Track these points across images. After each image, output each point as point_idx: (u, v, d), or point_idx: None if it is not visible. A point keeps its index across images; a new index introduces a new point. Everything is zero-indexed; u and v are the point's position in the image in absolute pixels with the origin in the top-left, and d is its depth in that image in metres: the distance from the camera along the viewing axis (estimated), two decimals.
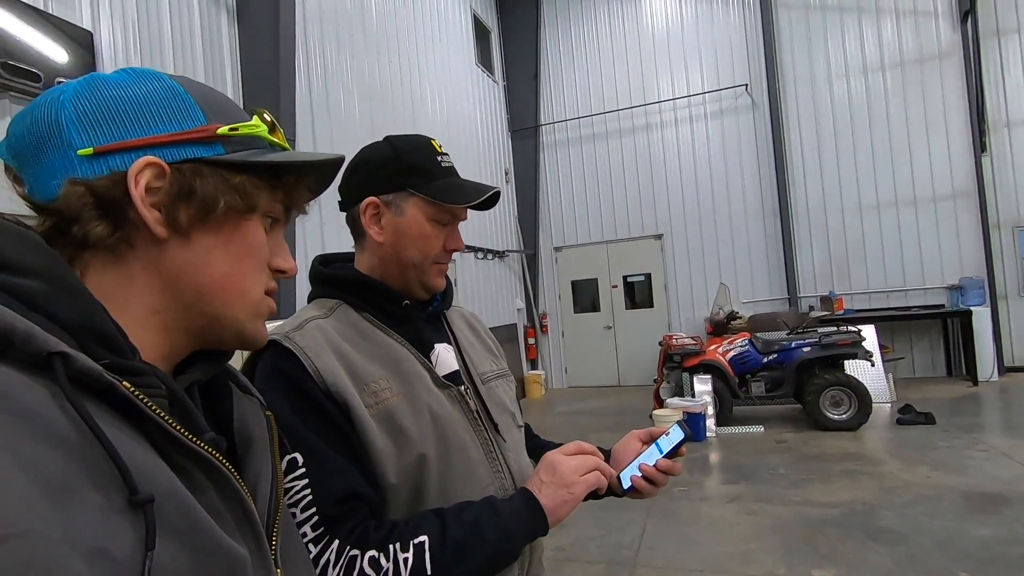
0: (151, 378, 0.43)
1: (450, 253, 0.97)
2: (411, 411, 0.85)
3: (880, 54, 7.68)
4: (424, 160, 0.92)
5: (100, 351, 0.40)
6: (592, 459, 0.88)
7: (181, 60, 3.65)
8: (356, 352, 0.87)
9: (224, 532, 0.42)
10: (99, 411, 0.38)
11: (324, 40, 5.11)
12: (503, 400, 1.02)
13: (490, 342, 1.12)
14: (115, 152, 0.45)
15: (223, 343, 0.53)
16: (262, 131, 0.51)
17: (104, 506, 0.35)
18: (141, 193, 0.45)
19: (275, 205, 0.53)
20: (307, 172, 0.55)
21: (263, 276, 0.53)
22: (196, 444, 0.43)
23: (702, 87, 8.46)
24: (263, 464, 0.54)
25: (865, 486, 3.97)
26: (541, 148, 9.41)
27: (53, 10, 2.92)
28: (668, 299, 8.72)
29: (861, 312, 7.43)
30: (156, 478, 0.38)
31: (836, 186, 7.88)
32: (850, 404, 5.37)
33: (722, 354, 5.92)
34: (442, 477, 0.85)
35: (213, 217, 0.48)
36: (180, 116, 0.48)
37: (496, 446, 0.94)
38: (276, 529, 0.52)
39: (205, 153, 0.48)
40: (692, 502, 3.99)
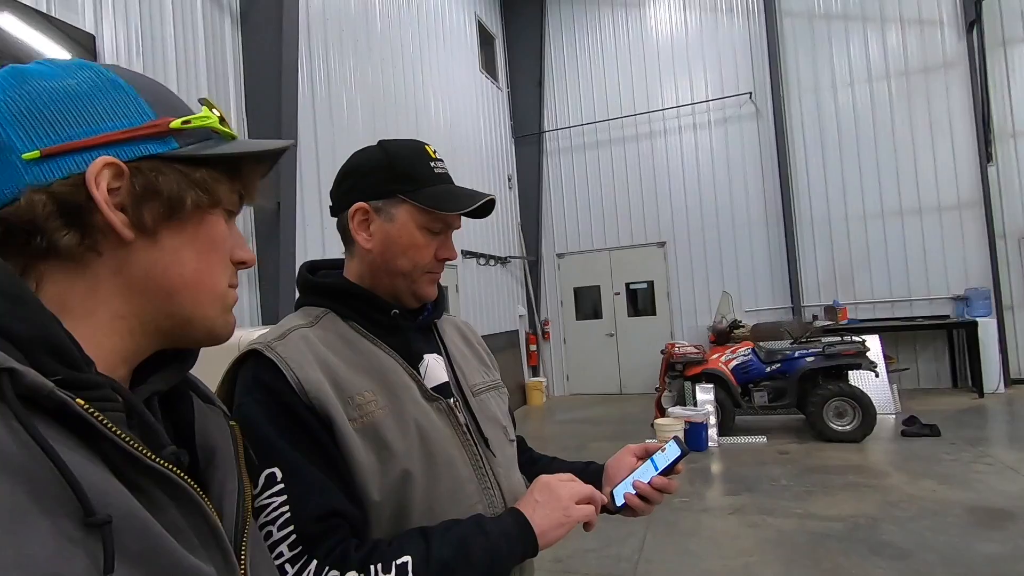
0: (107, 391, 0.41)
1: (442, 262, 0.93)
2: (397, 425, 0.82)
3: (885, 63, 7.66)
4: (416, 166, 0.89)
5: (52, 364, 0.38)
6: (587, 487, 0.84)
7: (184, 64, 3.65)
8: (341, 363, 0.83)
9: (187, 550, 0.40)
10: (51, 430, 0.36)
11: (328, 45, 5.12)
12: (495, 413, 0.98)
13: (483, 353, 1.08)
14: (64, 154, 0.42)
15: (193, 341, 0.51)
16: (213, 122, 0.49)
17: (57, 530, 0.33)
18: (104, 195, 0.42)
19: (232, 196, 0.52)
20: (264, 161, 0.54)
21: (228, 270, 0.52)
22: (154, 461, 0.41)
23: (706, 95, 8.45)
24: (228, 476, 0.52)
25: (869, 499, 3.92)
26: (544, 155, 9.41)
27: (56, 13, 2.92)
28: (671, 307, 8.68)
29: (865, 322, 7.37)
30: (112, 498, 0.36)
31: (840, 195, 7.84)
32: (854, 415, 5.32)
33: (725, 363, 5.87)
34: (428, 494, 0.82)
35: (180, 215, 0.46)
36: (127, 111, 0.45)
37: (486, 462, 0.90)
38: (245, 543, 0.50)
39: (159, 149, 0.46)
40: (693, 513, 3.94)
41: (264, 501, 0.72)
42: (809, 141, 8.00)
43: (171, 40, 3.58)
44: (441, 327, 1.02)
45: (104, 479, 0.37)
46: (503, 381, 1.08)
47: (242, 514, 0.51)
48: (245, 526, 0.51)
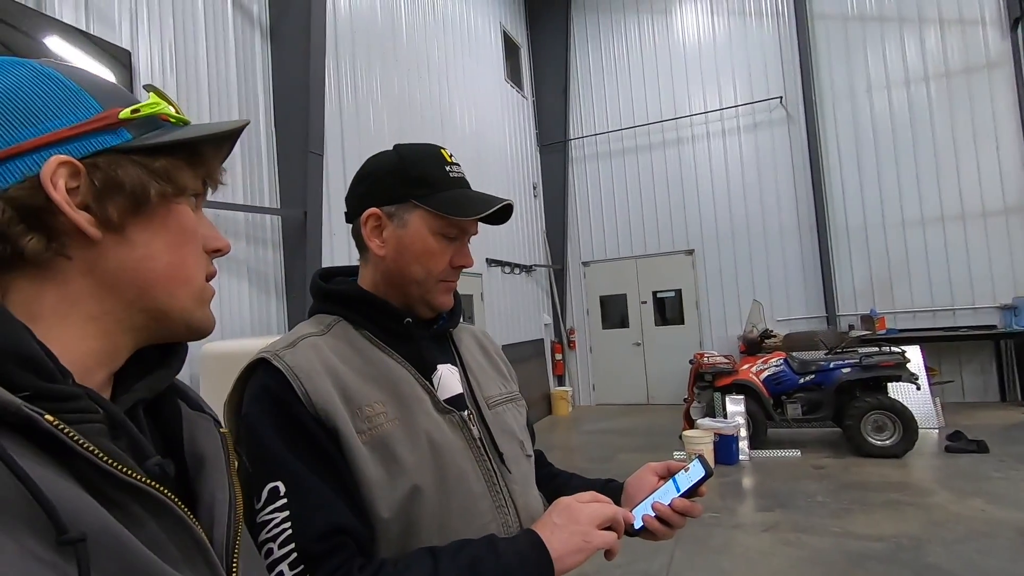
0: (84, 402, 0.39)
1: (458, 270, 0.90)
2: (407, 438, 0.79)
3: (923, 64, 7.41)
4: (431, 170, 0.87)
5: (24, 377, 0.37)
6: (611, 508, 0.78)
7: (215, 78, 3.75)
8: (352, 372, 0.81)
9: (169, 565, 0.38)
10: (19, 447, 0.34)
11: (355, 57, 5.20)
12: (511, 427, 0.94)
13: (501, 363, 1.04)
14: (14, 157, 0.40)
15: (173, 336, 0.50)
16: (163, 108, 0.47)
17: (24, 551, 0.32)
18: (63, 195, 0.41)
19: (196, 183, 0.50)
20: (224, 142, 0.51)
21: (203, 260, 0.51)
22: (131, 476, 0.39)
23: (735, 100, 8.31)
24: (219, 485, 0.50)
25: (911, 518, 3.73)
26: (570, 162, 9.38)
27: (94, 30, 3.03)
28: (699, 316, 8.50)
29: (905, 332, 7.08)
30: (85, 515, 0.35)
31: (877, 201, 7.59)
32: (894, 429, 5.09)
33: (756, 374, 5.71)
34: (439, 511, 0.78)
35: (146, 208, 0.45)
36: (72, 106, 0.43)
37: (500, 477, 0.86)
38: (237, 553, 0.48)
39: (113, 141, 0.44)
40: (724, 529, 3.81)
41: (266, 516, 0.69)
42: (844, 146, 7.77)
43: (203, 55, 3.68)
44: (457, 336, 0.99)
45: (76, 496, 0.36)
46: (525, 392, 1.04)
47: (233, 523, 0.49)
48: (237, 536, 0.49)
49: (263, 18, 4.22)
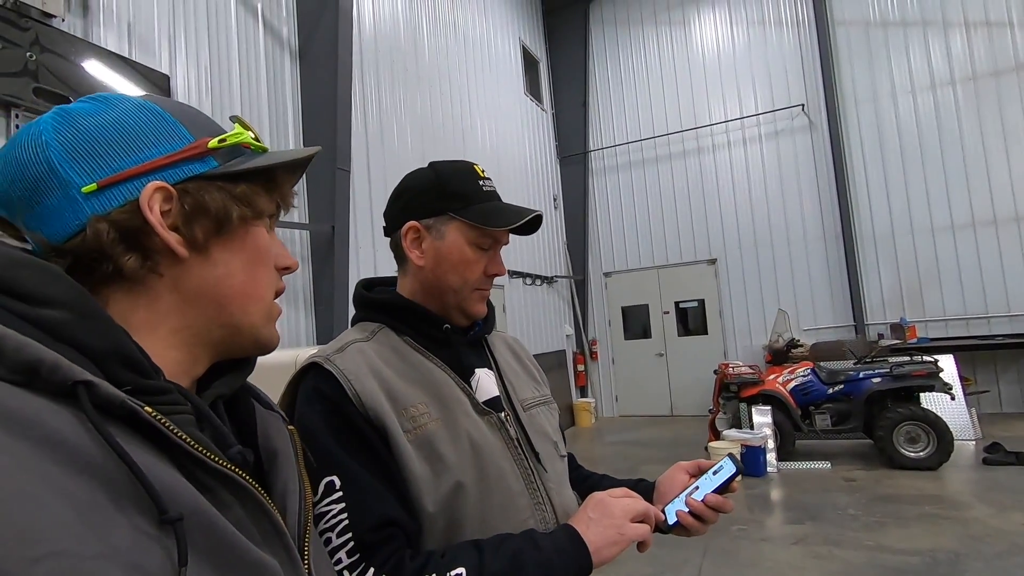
0: (175, 395, 0.44)
1: (491, 278, 0.95)
2: (450, 437, 0.84)
3: (949, 68, 7.29)
4: (466, 185, 0.92)
5: (125, 374, 0.42)
6: (642, 503, 0.83)
7: (248, 98, 3.89)
8: (396, 376, 0.86)
9: (253, 545, 0.43)
10: (124, 435, 0.39)
11: (379, 76, 5.34)
12: (545, 428, 0.98)
13: (533, 368, 1.09)
14: (118, 183, 0.45)
15: (242, 351, 0.54)
16: (246, 137, 0.52)
17: (135, 526, 0.36)
18: (158, 218, 0.46)
19: (271, 207, 0.55)
20: (297, 169, 0.56)
21: (274, 278, 0.55)
22: (219, 464, 0.43)
23: (755, 108, 8.27)
24: (290, 477, 0.55)
25: (948, 532, 3.62)
26: (590, 174, 9.41)
27: (135, 56, 3.19)
28: (723, 326, 8.41)
29: (937, 341, 6.90)
30: (182, 497, 0.39)
31: (904, 207, 7.45)
32: (928, 441, 4.95)
33: (783, 384, 5.62)
34: (480, 507, 0.82)
35: (228, 229, 0.49)
36: (167, 136, 0.48)
37: (537, 476, 0.90)
38: (307, 540, 0.52)
39: (201, 169, 0.49)
40: (752, 542, 3.75)
41: (323, 508, 0.75)
42: (868, 152, 7.67)
43: (236, 77, 3.83)
44: (491, 342, 1.03)
45: (174, 479, 0.40)
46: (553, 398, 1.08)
47: (304, 512, 0.53)
48: (307, 525, 0.53)
49: (292, 41, 4.38)
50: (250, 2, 4.04)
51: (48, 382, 0.37)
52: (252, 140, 0.53)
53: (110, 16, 3.13)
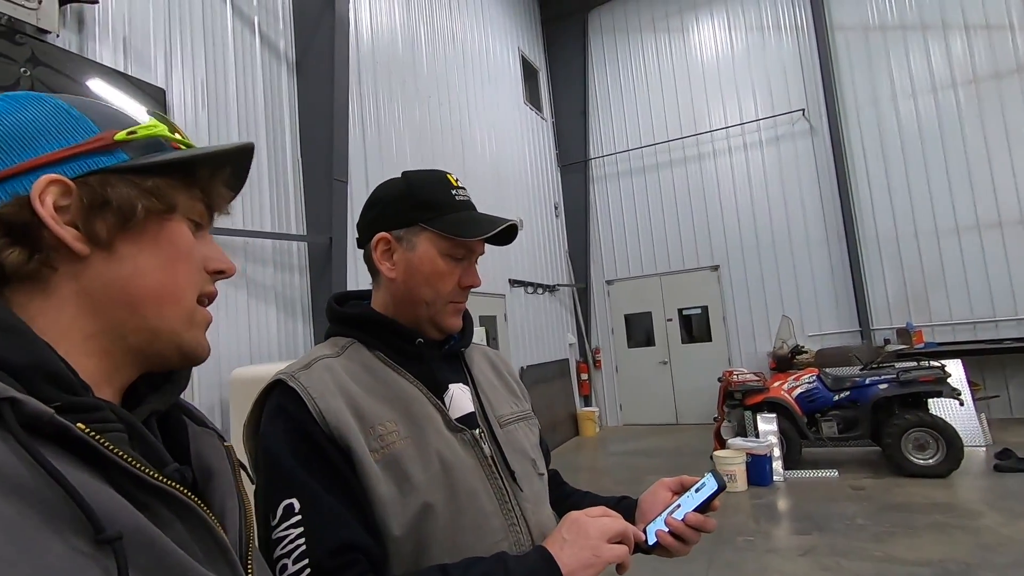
0: (106, 413, 0.42)
1: (466, 291, 0.92)
2: (419, 456, 0.80)
3: (950, 71, 7.26)
4: (437, 194, 0.89)
5: (51, 391, 0.39)
6: (620, 523, 0.77)
7: (244, 111, 3.89)
8: (364, 393, 0.83)
9: (196, 563, 0.41)
10: (55, 454, 0.37)
11: (377, 87, 5.35)
12: (523, 445, 0.94)
13: (513, 383, 1.06)
14: (10, 178, 0.43)
15: (165, 360, 0.50)
16: (162, 130, 0.49)
17: (71, 546, 0.34)
18: (50, 211, 0.43)
19: (195, 204, 0.51)
20: (219, 164, 0.52)
21: (198, 280, 0.51)
22: (158, 480, 0.42)
23: (756, 114, 8.26)
24: (228, 494, 0.52)
25: (959, 542, 3.54)
26: (591, 182, 9.41)
27: (131, 71, 3.19)
28: (727, 332, 8.34)
29: (944, 345, 6.82)
30: (120, 515, 0.37)
31: (908, 210, 7.40)
32: (937, 447, 4.87)
33: (788, 391, 5.55)
34: (450, 528, 0.79)
35: (133, 224, 0.46)
36: (70, 131, 0.46)
37: (512, 496, 0.86)
38: (250, 559, 0.50)
39: (108, 162, 0.46)
40: (758, 553, 3.67)
41: (281, 533, 0.71)
42: (870, 156, 7.63)
43: (233, 90, 3.83)
44: (469, 356, 1.00)
45: (110, 498, 0.38)
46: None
47: (244, 529, 0.51)
48: (250, 543, 0.51)
49: (289, 53, 4.39)
50: (246, 14, 4.05)
51: None
52: (170, 135, 0.50)
53: (105, 31, 3.14)
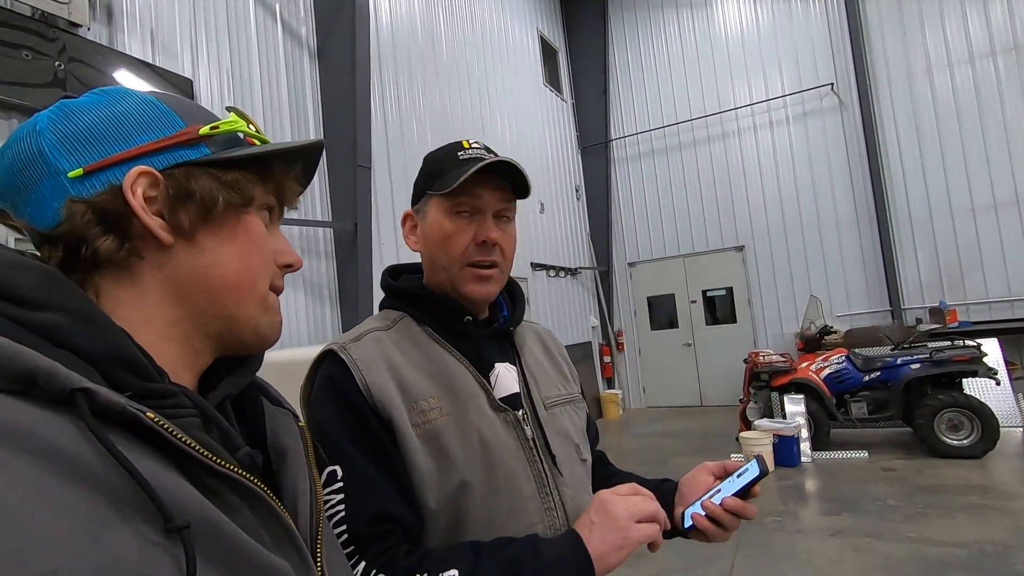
0: (180, 399, 0.43)
1: (484, 249, 0.87)
2: (459, 433, 0.81)
3: (989, 39, 6.95)
4: (443, 161, 0.89)
5: (127, 378, 0.41)
6: (650, 503, 0.76)
7: (268, 99, 3.93)
8: (411, 367, 0.84)
9: (263, 548, 0.42)
10: (127, 442, 0.38)
11: (397, 72, 5.35)
12: (567, 429, 0.93)
13: (563, 364, 1.03)
14: (105, 168, 0.45)
15: (243, 344, 0.52)
16: (241, 126, 0.51)
17: (139, 535, 0.35)
18: (140, 201, 0.45)
19: (268, 198, 0.53)
20: (293, 159, 0.54)
21: (269, 271, 0.53)
22: (225, 468, 0.42)
23: (782, 90, 8.04)
24: (300, 477, 0.53)
25: (996, 523, 3.48)
26: (612, 163, 9.30)
27: (159, 63, 3.25)
28: (752, 314, 8.23)
29: (980, 324, 6.63)
30: (188, 504, 0.38)
31: (942, 186, 7.16)
32: (972, 428, 4.77)
33: (816, 372, 5.47)
34: (486, 507, 0.79)
35: (214, 216, 0.48)
36: (160, 124, 0.48)
37: (551, 479, 0.85)
38: (320, 540, 0.51)
39: (192, 156, 0.48)
40: (787, 534, 3.66)
41: (324, 498, 0.73)
42: (903, 131, 7.38)
43: (257, 78, 3.87)
44: (520, 335, 0.98)
45: (179, 486, 0.39)
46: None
47: (315, 513, 0.52)
48: (319, 524, 0.52)
49: (311, 40, 4.40)
50: (268, 3, 4.07)
51: (46, 391, 0.36)
52: (248, 130, 0.52)
53: (133, 23, 3.19)
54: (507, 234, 0.89)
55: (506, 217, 0.90)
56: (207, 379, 0.52)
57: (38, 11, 2.78)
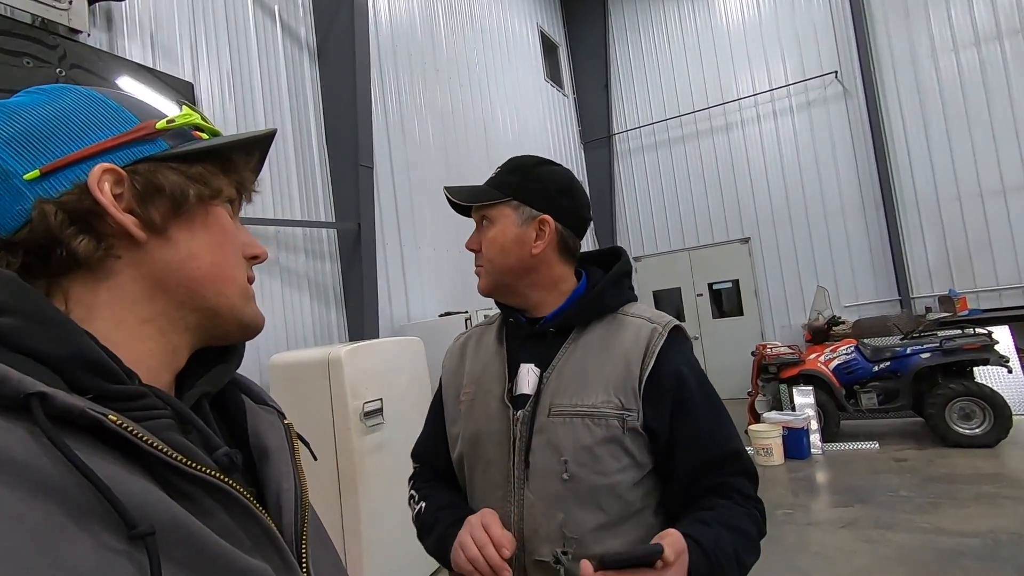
0: (151, 400, 0.42)
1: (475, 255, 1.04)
2: (468, 416, 1.02)
3: (995, 21, 6.85)
4: None
5: (91, 380, 0.39)
6: (472, 547, 0.86)
7: (269, 100, 3.93)
8: (472, 357, 1.08)
9: (241, 551, 0.40)
10: (88, 447, 0.36)
11: (398, 70, 5.33)
12: (560, 441, 0.91)
13: (624, 374, 0.93)
14: (64, 168, 0.44)
15: (226, 334, 0.52)
16: (196, 119, 0.50)
17: (99, 544, 0.34)
18: (110, 198, 0.44)
19: (231, 189, 0.53)
20: (252, 149, 0.54)
21: (242, 263, 0.53)
22: (196, 470, 0.41)
23: (785, 79, 7.97)
24: (284, 475, 0.52)
25: (1010, 512, 3.45)
26: (615, 157, 9.26)
27: (159, 66, 3.25)
28: (759, 306, 8.18)
29: (991, 312, 6.55)
30: (154, 509, 0.37)
31: (950, 172, 7.07)
32: (984, 417, 4.73)
33: (824, 363, 5.44)
34: (471, 478, 1.03)
35: (185, 209, 0.48)
36: (112, 121, 0.47)
37: (517, 482, 0.94)
38: (305, 539, 0.50)
39: (152, 151, 0.47)
40: (798, 527, 3.65)
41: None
42: (908, 117, 7.30)
43: (258, 80, 3.87)
44: (584, 335, 0.98)
45: (145, 491, 0.37)
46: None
47: (300, 511, 0.51)
48: (304, 522, 0.51)
49: (310, 40, 4.40)
50: (267, 4, 4.07)
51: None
52: (202, 122, 0.51)
53: (133, 28, 3.19)
54: (483, 237, 1.02)
55: (481, 225, 1.03)
56: (185, 376, 0.51)
57: (38, 18, 2.79)
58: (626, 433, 0.91)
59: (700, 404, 0.94)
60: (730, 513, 0.90)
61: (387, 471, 3.08)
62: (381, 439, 3.10)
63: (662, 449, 0.93)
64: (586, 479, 0.90)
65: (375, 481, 3.02)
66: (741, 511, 0.91)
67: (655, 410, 0.91)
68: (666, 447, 0.92)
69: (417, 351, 3.54)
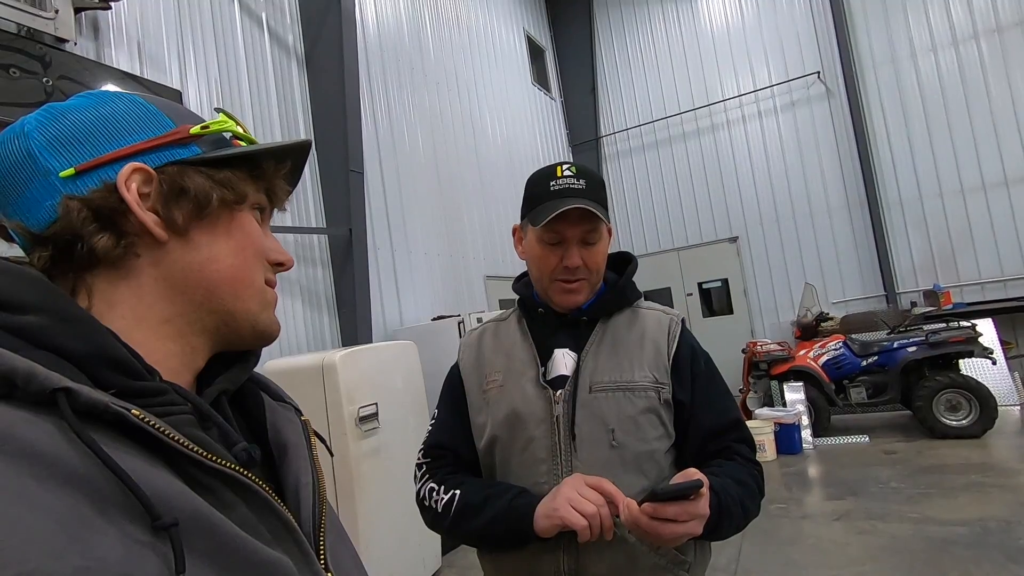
0: (172, 396, 0.43)
1: (569, 270, 1.04)
2: (501, 400, 1.06)
3: (971, 22, 7.01)
4: (537, 187, 1.07)
5: (114, 377, 0.40)
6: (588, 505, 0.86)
7: (258, 107, 3.93)
8: (494, 348, 1.14)
9: (261, 543, 0.41)
10: (112, 441, 0.37)
11: (386, 76, 5.35)
12: (604, 413, 1.01)
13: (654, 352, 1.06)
14: (98, 167, 0.45)
15: (240, 339, 0.53)
16: (231, 126, 0.52)
17: (124, 535, 0.34)
18: (135, 197, 0.45)
19: (259, 196, 0.54)
20: (283, 157, 0.55)
21: (263, 267, 0.54)
22: (217, 463, 0.42)
23: (769, 80, 8.08)
24: (302, 470, 0.54)
25: (998, 500, 3.51)
26: (603, 160, 9.32)
27: (147, 75, 3.24)
28: (749, 304, 8.27)
29: (974, 305, 6.68)
30: (177, 501, 0.38)
31: (931, 170, 7.21)
32: (970, 408, 4.81)
33: (814, 359, 5.51)
34: (506, 458, 1.05)
35: (208, 212, 0.49)
36: (149, 124, 0.49)
37: (564, 454, 1.00)
38: (323, 532, 0.51)
39: (184, 154, 0.49)
40: (792, 520, 3.69)
41: (428, 425, 1.16)
42: (890, 116, 7.43)
43: (246, 88, 3.87)
44: (611, 323, 1.10)
45: (168, 483, 0.38)
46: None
47: (318, 505, 0.52)
48: (322, 516, 0.52)
49: (298, 48, 4.40)
50: (255, 12, 4.07)
51: (26, 392, 0.35)
52: (236, 130, 0.53)
53: (120, 36, 3.18)
54: (593, 252, 1.05)
55: (590, 241, 1.05)
56: (205, 377, 0.52)
57: (24, 28, 2.77)
58: (661, 403, 1.04)
59: (709, 378, 1.08)
60: (735, 469, 1.03)
61: (383, 475, 3.08)
62: (377, 443, 3.10)
63: (684, 420, 1.06)
64: (631, 446, 1.01)
65: (371, 485, 3.02)
66: (744, 470, 1.04)
67: (680, 384, 1.05)
68: (685, 417, 1.06)
69: (411, 355, 3.54)
